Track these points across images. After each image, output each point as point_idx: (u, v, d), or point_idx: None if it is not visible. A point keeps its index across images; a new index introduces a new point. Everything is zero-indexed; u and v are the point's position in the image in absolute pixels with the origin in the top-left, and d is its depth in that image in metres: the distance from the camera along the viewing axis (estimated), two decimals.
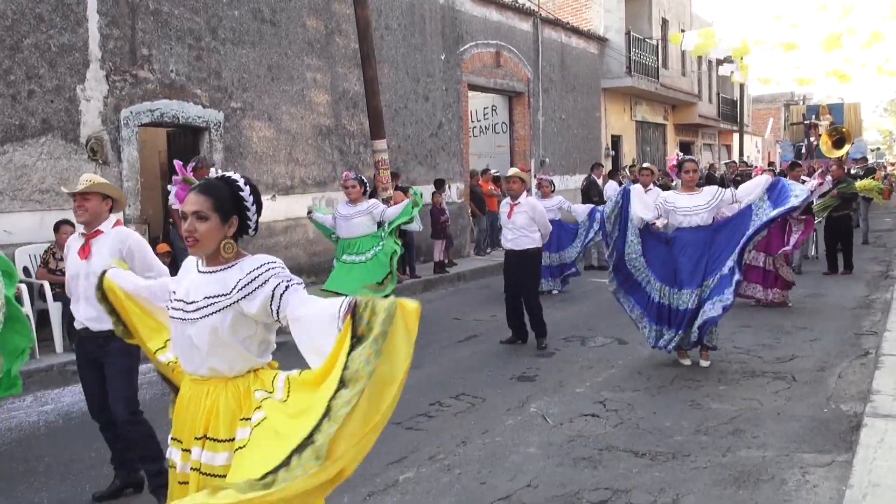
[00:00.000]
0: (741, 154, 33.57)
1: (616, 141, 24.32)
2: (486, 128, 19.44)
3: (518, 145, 18.75)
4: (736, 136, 35.65)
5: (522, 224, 8.04)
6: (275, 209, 11.16)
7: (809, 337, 8.33)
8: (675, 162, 7.40)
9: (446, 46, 15.32)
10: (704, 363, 7.23)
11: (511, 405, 6.24)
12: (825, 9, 16.36)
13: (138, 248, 4.54)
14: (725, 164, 17.37)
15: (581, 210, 11.78)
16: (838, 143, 21.26)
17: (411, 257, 12.77)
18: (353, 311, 2.59)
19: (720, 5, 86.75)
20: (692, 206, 7.05)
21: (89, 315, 4.39)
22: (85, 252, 4.48)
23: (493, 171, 17.11)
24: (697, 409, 6.03)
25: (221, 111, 10.24)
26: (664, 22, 26.74)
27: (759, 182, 7.08)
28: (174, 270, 9.54)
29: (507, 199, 8.35)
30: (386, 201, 11.96)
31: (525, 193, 8.24)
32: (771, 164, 22.95)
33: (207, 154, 10.06)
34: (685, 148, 31.95)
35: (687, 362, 7.31)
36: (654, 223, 7.20)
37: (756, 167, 10.95)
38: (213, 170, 2.96)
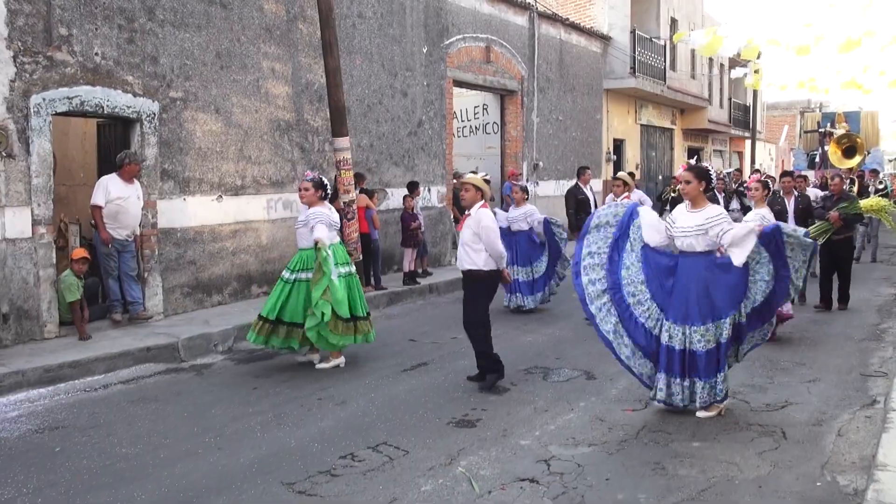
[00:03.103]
0: (753, 162, 32.30)
1: (619, 145, 23.12)
2: (476, 127, 18.30)
3: (509, 147, 17.59)
4: (748, 143, 34.40)
5: (466, 239, 6.85)
6: (221, 210, 10.08)
7: (808, 376, 7.18)
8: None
9: (429, 39, 14.20)
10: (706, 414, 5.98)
11: (437, 461, 5.13)
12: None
13: None
14: (727, 172, 16.19)
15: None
16: (849, 153, 19.90)
17: (376, 268, 11.66)
18: None
19: (734, 5, 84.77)
20: (685, 227, 5.94)
21: None
22: None
23: (481, 174, 15.95)
24: (661, 474, 4.90)
25: (157, 101, 9.15)
26: (673, 22, 25.53)
27: (750, 236, 5.84)
28: (96, 275, 8.47)
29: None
30: (348, 204, 10.93)
31: (481, 203, 7.04)
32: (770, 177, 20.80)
33: (138, 149, 8.99)
34: (694, 154, 30.74)
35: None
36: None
37: (750, 177, 9.35)
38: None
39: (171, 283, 9.49)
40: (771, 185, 9.81)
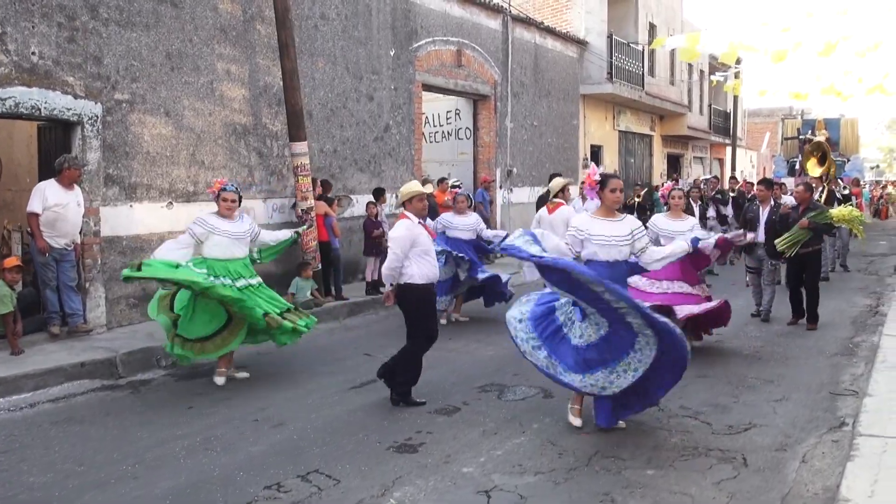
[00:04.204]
0: (733, 169, 32.09)
1: (596, 151, 22.81)
2: (448, 133, 17.94)
3: (482, 153, 17.24)
4: (729, 150, 34.22)
5: None
6: (171, 218, 9.66)
7: (775, 395, 6.83)
8: (595, 176, 5.93)
9: (397, 42, 13.84)
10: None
11: (368, 492, 4.73)
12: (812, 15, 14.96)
13: None
14: (705, 179, 15.88)
15: (491, 235, 10.35)
16: (823, 161, 19.55)
17: (337, 277, 11.27)
18: None
19: (713, 10, 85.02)
20: (610, 236, 5.63)
21: None
22: None
23: (452, 181, 15.61)
24: None
25: (100, 103, 8.72)
26: (652, 27, 25.27)
27: (674, 252, 5.93)
28: (34, 286, 8.02)
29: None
30: (306, 212, 10.55)
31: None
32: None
33: (79, 153, 8.56)
34: (674, 160, 30.52)
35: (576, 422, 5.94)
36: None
37: (665, 185, 8.94)
38: None
39: (116, 293, 9.05)
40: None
